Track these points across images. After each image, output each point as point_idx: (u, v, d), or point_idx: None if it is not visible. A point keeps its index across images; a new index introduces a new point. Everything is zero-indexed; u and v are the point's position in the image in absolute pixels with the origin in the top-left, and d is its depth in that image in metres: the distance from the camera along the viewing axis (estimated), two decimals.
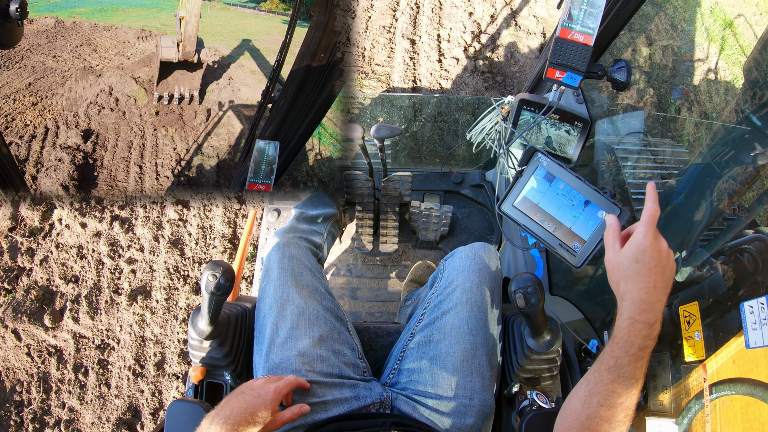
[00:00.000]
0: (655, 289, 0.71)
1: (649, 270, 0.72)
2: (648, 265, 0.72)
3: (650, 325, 0.71)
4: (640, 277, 0.72)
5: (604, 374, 0.73)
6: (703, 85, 2.84)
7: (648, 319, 0.71)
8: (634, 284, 0.72)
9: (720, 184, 1.11)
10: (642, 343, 0.71)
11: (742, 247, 1.09)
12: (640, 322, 0.71)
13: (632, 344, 0.71)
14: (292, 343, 1.00)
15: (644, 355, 0.71)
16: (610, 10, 1.18)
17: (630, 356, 0.71)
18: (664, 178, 1.86)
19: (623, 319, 0.72)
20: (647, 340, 0.71)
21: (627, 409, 0.71)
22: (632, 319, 0.71)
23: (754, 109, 0.98)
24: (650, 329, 0.71)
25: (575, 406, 0.75)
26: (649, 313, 0.71)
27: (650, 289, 0.71)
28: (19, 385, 2.07)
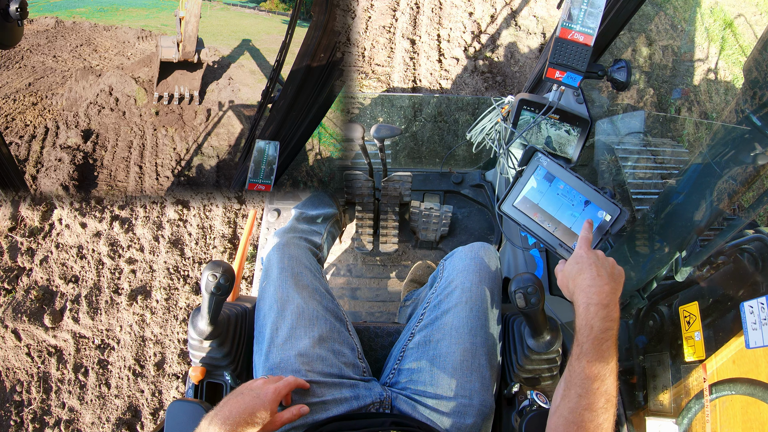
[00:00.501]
0: (600, 277, 0.79)
1: (590, 265, 0.81)
2: (587, 262, 0.82)
3: (604, 305, 0.76)
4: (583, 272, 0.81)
5: (575, 364, 0.76)
6: (703, 85, 2.84)
7: (599, 300, 0.76)
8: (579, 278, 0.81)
9: (720, 184, 1.11)
10: (601, 324, 0.75)
11: (742, 247, 1.09)
12: (593, 304, 0.76)
13: (592, 327, 0.75)
14: (292, 343, 1.00)
15: (607, 337, 0.75)
16: (610, 10, 1.18)
17: (592, 339, 0.75)
18: (664, 178, 1.86)
19: (579, 307, 0.78)
20: (606, 321, 0.75)
21: (606, 394, 0.73)
22: (586, 303, 0.77)
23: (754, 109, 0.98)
24: (606, 310, 0.76)
25: (557, 403, 0.77)
26: (599, 294, 0.77)
27: (595, 277, 0.79)
28: (19, 385, 2.07)
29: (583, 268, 0.81)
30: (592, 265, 0.81)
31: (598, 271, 0.80)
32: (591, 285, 0.78)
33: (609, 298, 0.77)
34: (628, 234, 1.38)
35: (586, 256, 0.83)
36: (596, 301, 0.76)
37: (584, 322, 0.76)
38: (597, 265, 0.81)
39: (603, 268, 0.81)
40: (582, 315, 0.77)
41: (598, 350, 0.74)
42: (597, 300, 0.76)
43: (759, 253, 1.05)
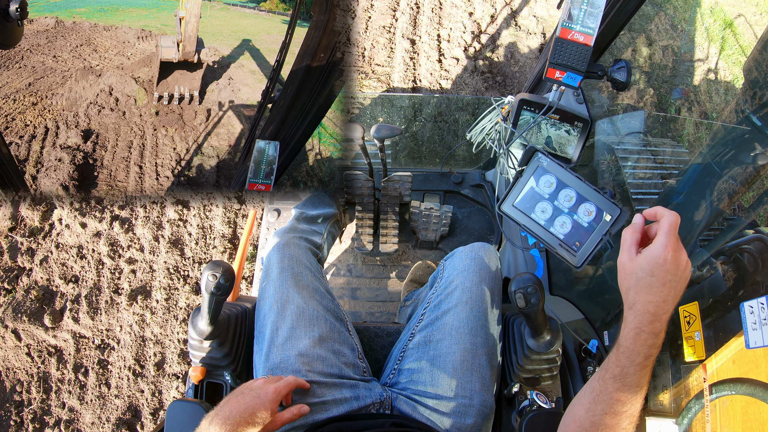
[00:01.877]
0: (665, 303, 0.70)
1: (663, 285, 0.70)
2: (663, 279, 0.70)
3: (656, 334, 0.70)
4: (652, 291, 0.71)
5: (609, 383, 0.72)
6: (703, 85, 2.84)
7: (654, 329, 0.70)
8: (644, 296, 0.71)
9: (720, 184, 1.11)
10: (647, 352, 0.70)
11: (742, 247, 1.09)
12: (646, 332, 0.70)
13: (638, 354, 0.70)
14: (292, 343, 1.00)
15: (649, 363, 0.71)
16: (610, 10, 1.18)
17: (635, 365, 0.71)
18: (664, 178, 1.86)
19: (629, 329, 0.71)
20: (652, 348, 0.71)
21: (631, 416, 0.72)
22: (638, 329, 0.70)
23: (754, 109, 0.98)
24: (656, 338, 0.70)
25: (579, 414, 0.75)
26: (656, 324, 0.70)
27: (660, 304, 0.70)
28: (19, 385, 2.07)
29: (653, 286, 0.70)
30: (665, 285, 0.70)
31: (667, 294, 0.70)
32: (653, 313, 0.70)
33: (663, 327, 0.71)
34: None
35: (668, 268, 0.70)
36: (650, 330, 0.70)
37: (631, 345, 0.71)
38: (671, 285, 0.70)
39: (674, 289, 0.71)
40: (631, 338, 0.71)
41: (637, 377, 0.71)
42: (651, 329, 0.70)
43: (759, 253, 1.05)
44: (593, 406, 0.73)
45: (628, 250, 0.76)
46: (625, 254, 0.76)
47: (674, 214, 0.73)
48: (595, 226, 0.93)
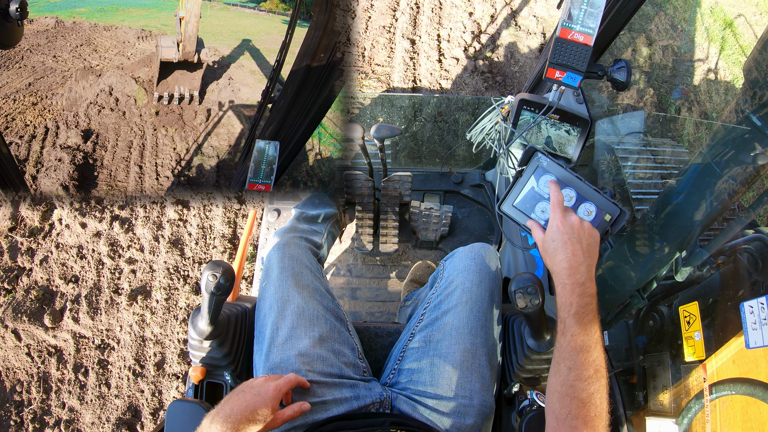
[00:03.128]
0: (575, 256, 0.81)
1: (565, 243, 0.83)
2: (562, 239, 0.83)
3: (580, 283, 0.79)
4: (557, 251, 0.83)
5: (560, 340, 0.80)
6: (703, 85, 2.84)
7: (576, 280, 0.80)
8: (555, 257, 0.83)
9: (720, 184, 1.11)
10: (579, 300, 0.78)
11: (742, 247, 1.09)
12: (568, 284, 0.80)
13: (570, 304, 0.79)
14: (292, 342, 1.00)
15: (587, 311, 0.78)
16: (610, 10, 1.18)
17: (572, 314, 0.78)
18: (664, 178, 1.86)
19: (557, 286, 0.82)
20: (583, 297, 0.79)
21: (594, 363, 0.76)
22: (562, 283, 0.81)
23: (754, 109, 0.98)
24: (582, 287, 0.79)
25: (551, 382, 0.80)
26: (575, 275, 0.80)
27: (570, 257, 0.81)
28: (19, 385, 2.07)
29: (557, 247, 0.83)
30: (567, 243, 0.82)
31: (573, 249, 0.82)
32: (566, 267, 0.81)
33: (585, 276, 0.80)
34: (628, 234, 1.38)
35: (562, 229, 0.84)
36: (572, 281, 0.80)
37: (563, 299, 0.80)
38: (572, 241, 0.83)
39: (578, 243, 0.83)
40: (560, 294, 0.81)
41: (580, 324, 0.78)
42: (573, 280, 0.80)
43: (759, 253, 1.05)
44: (557, 366, 0.79)
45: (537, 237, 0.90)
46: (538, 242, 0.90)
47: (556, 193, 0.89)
48: (595, 226, 0.93)
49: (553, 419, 0.76)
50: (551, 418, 0.76)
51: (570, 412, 0.74)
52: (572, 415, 0.73)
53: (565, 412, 0.74)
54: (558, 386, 0.77)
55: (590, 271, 0.81)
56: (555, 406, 0.76)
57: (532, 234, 0.92)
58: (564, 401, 0.75)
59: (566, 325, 0.79)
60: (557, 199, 0.88)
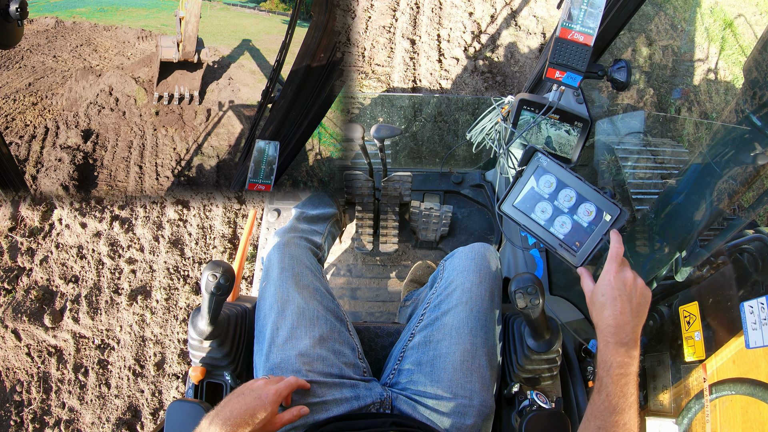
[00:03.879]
0: (623, 314, 0.79)
1: (614, 299, 0.81)
2: (612, 295, 0.81)
3: (624, 344, 0.78)
4: (606, 306, 0.81)
5: (595, 397, 0.78)
6: (703, 85, 2.84)
7: (620, 339, 0.78)
8: (601, 313, 0.81)
9: (720, 184, 1.11)
10: (620, 361, 0.77)
11: (742, 247, 1.09)
12: (612, 343, 0.78)
13: (611, 364, 0.77)
14: (293, 343, 1.00)
15: (626, 373, 0.77)
16: (610, 10, 1.18)
17: (611, 376, 0.76)
18: (664, 178, 1.86)
19: (599, 344, 0.80)
20: (625, 358, 0.77)
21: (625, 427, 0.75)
22: (605, 341, 0.79)
23: (754, 109, 0.98)
24: (625, 348, 0.78)
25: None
26: (620, 334, 0.78)
27: (617, 315, 0.79)
28: (19, 385, 2.07)
29: (606, 303, 0.81)
30: (616, 300, 0.80)
31: (622, 307, 0.80)
32: (612, 324, 0.79)
33: (629, 337, 0.78)
34: (628, 234, 1.38)
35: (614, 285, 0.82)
36: (615, 341, 0.78)
37: (604, 357, 0.78)
38: (622, 299, 0.80)
39: (628, 302, 0.80)
40: (601, 351, 0.79)
41: (616, 385, 0.76)
42: (616, 339, 0.78)
43: (759, 253, 1.05)
44: (587, 423, 0.77)
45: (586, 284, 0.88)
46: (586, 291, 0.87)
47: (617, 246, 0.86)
48: (595, 226, 0.93)
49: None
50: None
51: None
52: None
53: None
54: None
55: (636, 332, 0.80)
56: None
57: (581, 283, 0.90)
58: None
59: (603, 383, 0.77)
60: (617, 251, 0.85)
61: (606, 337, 0.79)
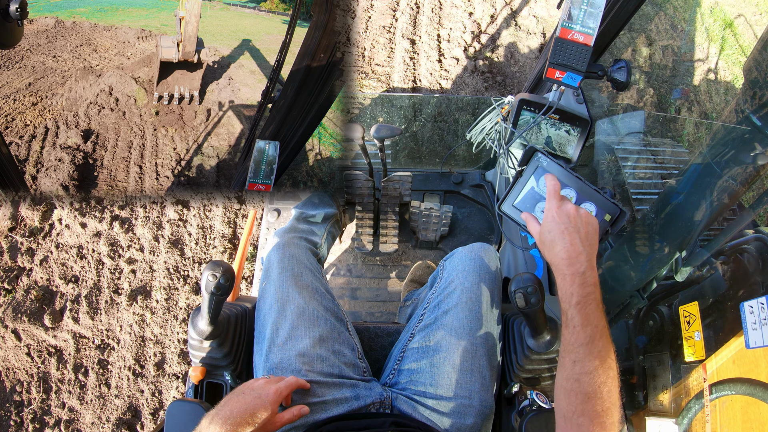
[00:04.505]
0: (573, 245, 0.79)
1: (562, 233, 0.80)
2: (559, 229, 0.81)
3: (580, 273, 0.77)
4: (555, 242, 0.81)
5: (564, 333, 0.78)
6: (703, 85, 2.84)
7: (576, 270, 0.77)
8: (553, 248, 0.81)
9: (720, 184, 1.11)
10: (580, 290, 0.76)
11: (742, 247, 1.09)
12: (568, 274, 0.78)
13: (571, 294, 0.77)
14: (292, 343, 1.00)
15: (589, 301, 0.76)
16: (610, 10, 1.18)
17: (574, 305, 0.76)
18: (664, 178, 1.86)
19: (557, 278, 0.80)
20: (584, 287, 0.76)
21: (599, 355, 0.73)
22: (562, 274, 0.79)
23: (754, 109, 0.98)
24: (582, 277, 0.77)
25: (557, 379, 0.78)
26: (575, 265, 0.78)
27: (568, 247, 0.79)
28: (19, 385, 2.07)
29: (555, 238, 0.81)
30: (564, 233, 0.80)
31: (571, 238, 0.80)
32: (565, 257, 0.79)
33: (585, 265, 0.78)
34: (628, 234, 1.38)
35: (558, 220, 0.82)
36: (572, 272, 0.78)
37: (564, 291, 0.78)
38: (569, 230, 0.80)
39: (576, 232, 0.80)
40: (561, 285, 0.79)
41: (582, 314, 0.75)
42: (573, 270, 0.78)
43: (759, 253, 1.05)
44: (562, 361, 0.77)
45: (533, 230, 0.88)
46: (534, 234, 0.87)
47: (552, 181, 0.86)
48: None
49: (561, 418, 0.74)
50: (559, 417, 0.74)
51: (576, 409, 0.71)
52: (578, 411, 0.71)
53: (572, 409, 0.71)
54: (564, 381, 0.74)
55: (590, 260, 0.79)
56: (562, 403, 0.74)
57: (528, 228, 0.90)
58: (570, 397, 0.72)
59: (568, 316, 0.77)
60: (554, 188, 0.86)
61: (562, 270, 0.79)
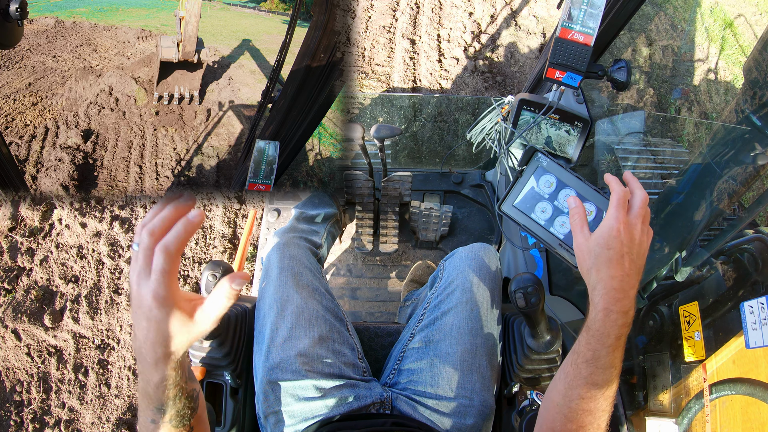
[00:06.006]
0: (629, 277, 0.68)
1: (622, 257, 0.68)
2: (621, 251, 0.69)
3: (625, 313, 0.68)
4: (612, 264, 0.68)
5: (582, 367, 0.70)
6: (703, 85, 2.84)
7: (623, 307, 0.68)
8: (606, 272, 0.69)
9: (720, 184, 1.11)
10: (618, 332, 0.68)
11: (742, 247, 1.09)
12: (615, 312, 0.68)
13: (609, 335, 0.68)
14: (292, 342, 1.00)
15: (621, 343, 0.69)
16: (610, 10, 1.18)
17: (607, 347, 0.68)
18: (664, 178, 1.86)
19: (598, 311, 0.69)
20: (623, 328, 0.68)
21: (608, 397, 0.70)
22: (607, 309, 0.68)
23: (754, 109, 0.98)
24: (625, 317, 0.68)
25: (557, 400, 0.73)
26: (624, 301, 0.68)
27: (624, 277, 0.68)
28: (19, 385, 2.07)
29: (613, 259, 0.68)
30: (624, 258, 0.68)
31: (630, 266, 0.68)
32: (617, 289, 0.68)
33: (631, 304, 0.68)
34: None
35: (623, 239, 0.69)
36: (618, 309, 0.68)
37: (601, 327, 0.68)
38: (630, 256, 0.68)
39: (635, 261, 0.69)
40: (600, 320, 0.69)
41: (611, 357, 0.68)
42: (619, 308, 0.68)
43: (759, 253, 1.05)
44: (569, 391, 0.71)
45: (580, 231, 0.74)
46: (579, 236, 0.74)
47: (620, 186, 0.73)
48: (595, 227, 0.93)
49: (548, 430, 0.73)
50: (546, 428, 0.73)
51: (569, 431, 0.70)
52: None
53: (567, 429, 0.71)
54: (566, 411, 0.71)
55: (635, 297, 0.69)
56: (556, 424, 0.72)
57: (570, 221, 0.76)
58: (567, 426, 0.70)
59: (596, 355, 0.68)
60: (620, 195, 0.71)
61: (609, 305, 0.68)
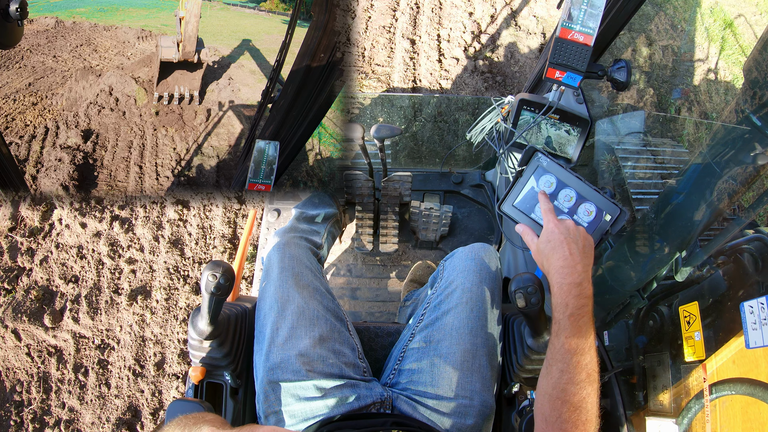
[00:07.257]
0: (572, 255, 0.81)
1: (561, 243, 0.83)
2: (558, 239, 0.83)
3: (577, 284, 0.79)
4: (554, 251, 0.83)
5: (554, 341, 0.79)
6: (703, 85, 2.84)
7: (573, 280, 0.79)
8: (551, 257, 0.83)
9: (720, 184, 1.11)
10: (575, 302, 0.77)
11: (742, 247, 1.09)
12: (565, 284, 0.79)
13: (566, 305, 0.78)
14: (293, 342, 1.00)
15: (583, 313, 0.77)
16: (610, 10, 1.18)
17: (568, 316, 0.77)
18: (664, 178, 1.86)
19: (553, 287, 0.81)
20: (580, 298, 0.78)
21: (586, 368, 0.75)
22: (559, 283, 0.80)
23: (754, 109, 0.98)
24: (578, 288, 0.78)
25: (541, 383, 0.79)
26: (572, 275, 0.79)
27: (567, 256, 0.81)
28: (19, 385, 2.07)
29: (555, 247, 0.83)
30: (563, 243, 0.82)
31: (570, 249, 0.82)
32: (563, 266, 0.80)
33: (582, 276, 0.79)
34: (628, 234, 1.38)
35: (557, 231, 0.84)
36: (569, 281, 0.79)
37: (559, 300, 0.79)
38: (568, 241, 0.83)
39: (574, 243, 0.83)
40: (557, 294, 0.80)
41: (575, 326, 0.76)
42: (570, 280, 0.79)
43: (759, 253, 1.05)
44: (549, 368, 0.78)
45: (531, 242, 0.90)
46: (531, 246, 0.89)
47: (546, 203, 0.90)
48: (595, 226, 0.93)
49: (542, 421, 0.76)
50: (540, 420, 0.76)
51: (560, 416, 0.73)
52: (562, 418, 0.73)
53: (556, 415, 0.74)
54: (549, 389, 0.76)
55: (587, 272, 0.81)
56: (545, 408, 0.76)
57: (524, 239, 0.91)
58: (555, 404, 0.74)
59: (561, 326, 0.78)
60: (548, 206, 0.90)
61: (559, 280, 0.80)
